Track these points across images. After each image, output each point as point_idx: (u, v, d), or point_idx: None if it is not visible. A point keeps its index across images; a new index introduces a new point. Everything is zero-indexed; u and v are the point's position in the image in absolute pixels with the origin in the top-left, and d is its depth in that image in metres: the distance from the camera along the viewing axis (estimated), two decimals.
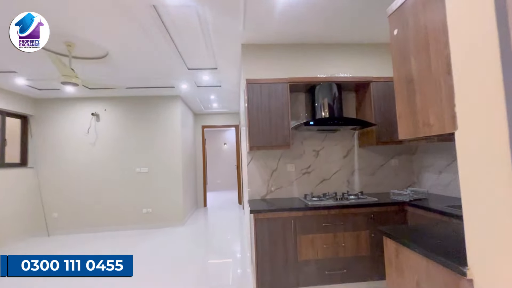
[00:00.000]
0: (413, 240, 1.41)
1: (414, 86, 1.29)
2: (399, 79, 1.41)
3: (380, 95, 2.79)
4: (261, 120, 2.66)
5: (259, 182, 2.96)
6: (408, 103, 1.35)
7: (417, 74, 1.27)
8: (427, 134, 1.22)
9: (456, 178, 2.56)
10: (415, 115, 1.30)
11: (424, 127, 1.24)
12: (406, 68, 1.35)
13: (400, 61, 1.40)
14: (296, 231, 2.37)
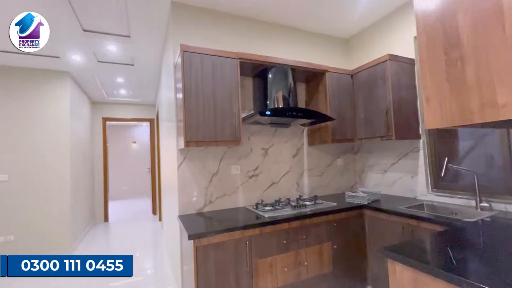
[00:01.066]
0: (439, 264, 1.04)
1: (464, 53, 0.91)
2: (429, 45, 1.02)
3: (334, 88, 2.53)
4: (202, 107, 1.92)
5: (194, 190, 2.20)
6: (447, 80, 0.96)
7: (470, 34, 0.89)
8: (489, 119, 0.85)
9: (401, 177, 2.55)
10: (463, 95, 0.92)
11: (484, 110, 0.86)
12: (445, 27, 0.96)
13: (433, 16, 1.01)
14: (251, 255, 1.76)
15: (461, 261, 1.10)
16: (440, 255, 1.17)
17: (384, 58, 2.27)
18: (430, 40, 1.02)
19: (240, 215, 2.08)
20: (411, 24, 2.42)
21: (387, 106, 2.25)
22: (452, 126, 0.97)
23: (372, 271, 2.20)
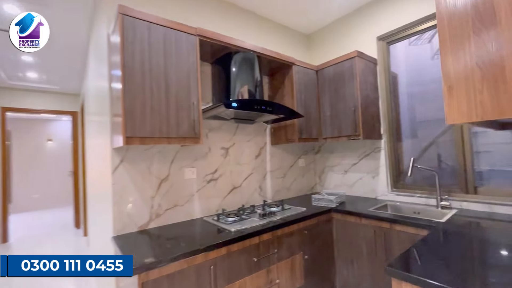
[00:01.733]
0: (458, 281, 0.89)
1: (501, 34, 0.76)
2: (453, 23, 0.85)
3: (301, 83, 2.34)
4: (150, 91, 1.46)
5: (136, 200, 1.69)
6: (477, 63, 0.81)
7: (510, 10, 0.74)
8: None
9: (362, 177, 2.53)
10: (499, 82, 0.77)
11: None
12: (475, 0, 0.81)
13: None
14: (216, 283, 1.39)
15: (476, 274, 0.98)
16: (449, 268, 1.03)
17: (352, 55, 2.18)
18: (454, 17, 0.86)
19: (198, 230, 1.68)
20: (374, 25, 2.42)
21: (355, 104, 2.17)
22: (482, 120, 0.82)
23: (341, 278, 2.07)
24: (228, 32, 2.08)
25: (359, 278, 1.94)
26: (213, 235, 1.54)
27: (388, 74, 2.40)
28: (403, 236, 1.69)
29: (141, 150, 1.73)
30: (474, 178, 1.91)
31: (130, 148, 1.69)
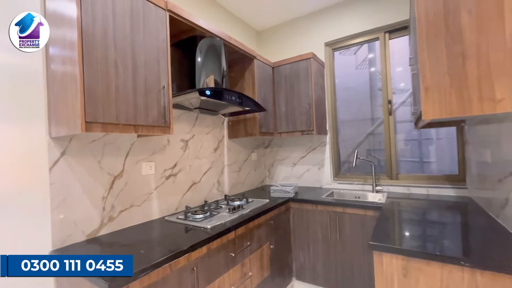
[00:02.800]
0: (422, 246, 1.12)
1: (465, 49, 0.99)
2: (432, 39, 1.05)
3: (261, 78, 2.38)
4: (114, 67, 1.19)
5: (83, 203, 1.36)
6: (448, 72, 1.02)
7: (473, 33, 0.97)
8: (487, 111, 0.96)
9: (309, 169, 2.78)
10: (462, 88, 1.00)
11: (482, 102, 0.96)
12: (449, 25, 1.02)
13: (436, 15, 1.05)
14: (197, 284, 1.28)
15: (428, 238, 1.24)
16: (412, 238, 1.27)
17: (308, 56, 2.36)
18: (431, 33, 1.06)
19: (166, 231, 1.49)
20: (323, 30, 2.68)
21: (310, 102, 2.36)
22: (450, 117, 1.04)
23: (297, 263, 2.24)
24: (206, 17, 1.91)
25: (314, 260, 2.14)
26: (188, 234, 1.41)
27: (333, 77, 2.71)
28: (354, 217, 1.96)
29: (88, 140, 1.40)
30: (397, 166, 2.39)
31: (74, 138, 1.34)
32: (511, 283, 0.92)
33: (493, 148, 1.42)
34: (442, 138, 2.95)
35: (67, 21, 1.12)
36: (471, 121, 1.80)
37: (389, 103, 2.40)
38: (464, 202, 1.86)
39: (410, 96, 2.89)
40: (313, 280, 2.15)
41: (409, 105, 2.96)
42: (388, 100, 2.40)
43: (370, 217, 1.89)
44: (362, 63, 3.55)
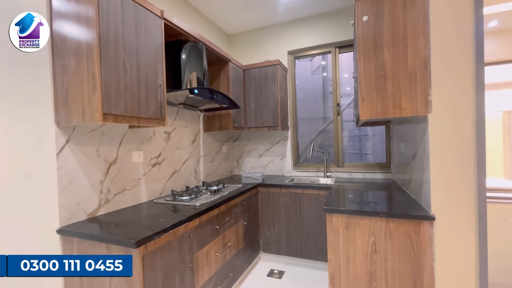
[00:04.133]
0: (359, 208, 1.60)
1: (386, 73, 1.49)
2: (366, 64, 1.53)
3: (234, 78, 2.69)
4: (123, 67, 1.39)
5: (84, 186, 1.52)
6: (375, 88, 1.51)
7: (390, 63, 1.47)
8: (397, 115, 1.47)
9: (273, 159, 3.21)
10: (384, 99, 1.50)
11: (394, 109, 1.47)
12: (376, 56, 1.50)
13: (369, 48, 1.52)
14: (192, 249, 1.57)
15: (363, 204, 1.74)
16: (351, 204, 1.76)
17: (275, 62, 2.76)
18: (366, 60, 1.53)
19: (158, 211, 1.72)
20: (286, 40, 3.11)
21: (275, 102, 2.77)
22: (376, 118, 1.54)
23: (264, 238, 2.64)
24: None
25: (278, 234, 2.58)
26: (181, 211, 1.67)
27: (294, 81, 3.17)
28: (311, 197, 2.44)
29: (88, 130, 1.56)
30: (343, 157, 2.97)
31: (77, 127, 1.49)
32: (406, 224, 1.44)
33: (405, 141, 2.01)
34: (376, 135, 3.68)
35: (84, 23, 1.28)
36: (394, 121, 2.42)
37: (338, 105, 2.95)
38: (389, 183, 2.48)
39: (353, 101, 3.53)
40: (277, 251, 2.58)
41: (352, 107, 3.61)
42: (337, 103, 2.95)
43: (322, 196, 2.39)
44: (316, 69, 4.12)
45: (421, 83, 1.41)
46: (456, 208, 1.35)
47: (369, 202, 1.82)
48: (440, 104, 1.36)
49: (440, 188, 1.38)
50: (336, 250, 1.61)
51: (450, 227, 1.36)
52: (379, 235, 1.50)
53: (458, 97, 1.33)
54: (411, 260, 1.43)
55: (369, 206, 1.69)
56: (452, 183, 1.35)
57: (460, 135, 1.33)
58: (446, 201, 1.36)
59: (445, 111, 1.36)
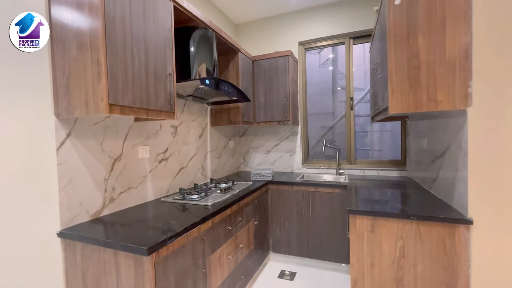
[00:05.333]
0: (384, 209, 1.49)
1: (419, 63, 1.35)
2: (398, 52, 1.39)
3: (244, 69, 2.54)
4: (130, 54, 1.25)
5: (87, 184, 1.39)
6: (407, 79, 1.38)
7: (425, 51, 1.34)
8: (432, 109, 1.34)
9: (282, 155, 3.08)
10: (417, 91, 1.36)
11: (429, 102, 1.34)
12: (410, 43, 1.37)
13: (401, 35, 1.38)
14: (205, 253, 1.45)
15: (386, 204, 1.62)
16: (375, 205, 1.65)
17: (287, 53, 2.61)
18: (398, 49, 1.39)
19: (167, 210, 1.60)
20: (297, 30, 2.95)
21: (286, 95, 2.63)
22: (407, 112, 1.41)
23: (274, 237, 2.53)
24: None
25: (289, 233, 2.47)
26: (192, 211, 1.55)
27: (305, 74, 3.03)
28: (324, 195, 2.32)
29: (91, 122, 1.42)
30: (355, 154, 2.84)
31: (79, 120, 1.35)
32: (439, 227, 1.33)
33: (429, 137, 1.89)
34: (387, 131, 3.56)
35: (86, 4, 1.13)
36: (413, 117, 2.29)
37: (351, 99, 2.82)
38: (405, 180, 2.37)
39: (367, 94, 3.40)
40: (288, 251, 2.48)
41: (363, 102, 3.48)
42: (350, 97, 2.82)
43: (336, 194, 2.28)
44: (325, 63, 3.98)
45: (460, 74, 1.28)
46: (497, 210, 1.23)
47: (392, 202, 1.71)
48: (483, 97, 1.24)
49: (479, 188, 1.26)
50: (360, 254, 1.50)
51: (490, 232, 1.24)
52: (408, 238, 1.39)
53: (505, 89, 1.20)
54: (444, 266, 1.32)
55: (394, 207, 1.57)
56: (493, 183, 1.23)
57: (504, 131, 1.21)
58: (486, 202, 1.25)
59: (488, 104, 1.23)
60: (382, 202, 1.74)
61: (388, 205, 1.65)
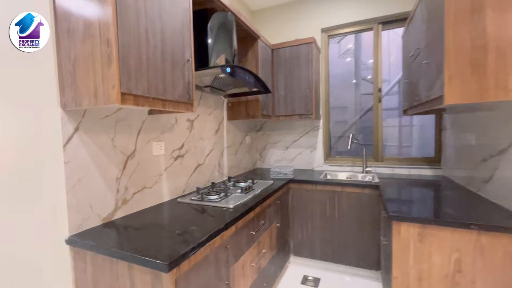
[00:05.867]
0: (433, 215, 1.28)
1: (487, 43, 1.12)
2: (458, 30, 1.17)
3: (263, 58, 2.35)
4: (145, 37, 1.08)
5: (98, 184, 1.24)
6: (470, 62, 1.16)
7: (494, 29, 1.11)
8: (500, 98, 1.11)
9: (302, 152, 2.89)
10: (482, 78, 1.14)
11: (497, 91, 1.12)
12: (474, 20, 1.14)
13: (463, 9, 1.16)
14: (228, 262, 1.29)
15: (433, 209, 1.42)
16: (422, 210, 1.44)
17: (310, 40, 2.39)
18: (458, 26, 1.17)
19: (184, 213, 1.44)
20: (319, 16, 2.72)
21: (310, 87, 2.42)
22: (468, 102, 1.19)
23: (295, 240, 2.36)
24: None
25: (312, 236, 2.29)
26: (213, 214, 1.39)
27: (327, 64, 2.80)
28: (352, 196, 2.12)
29: (101, 115, 1.26)
30: (382, 150, 2.62)
31: (87, 113, 1.20)
32: (505, 239, 1.12)
33: (477, 132, 1.65)
34: (415, 125, 3.30)
35: None
36: (455, 109, 2.04)
37: (379, 91, 2.58)
38: (442, 180, 2.14)
39: (396, 85, 3.14)
40: (310, 255, 2.30)
41: (389, 94, 3.22)
42: (379, 88, 2.58)
43: (366, 195, 2.07)
44: (345, 53, 3.71)
45: None
46: None
47: (440, 206, 1.50)
48: None
49: None
50: (405, 266, 1.30)
51: None
52: (465, 251, 1.19)
53: None
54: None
55: (445, 213, 1.36)
56: None
57: None
58: None
59: None
60: (427, 206, 1.54)
61: (437, 210, 1.44)
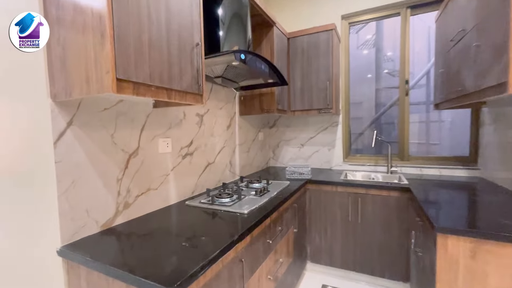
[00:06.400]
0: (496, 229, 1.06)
1: None
2: None
3: (279, 48, 2.15)
4: (147, 15, 0.91)
5: (95, 186, 1.09)
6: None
7: None
8: None
9: (319, 150, 2.68)
10: None
11: None
12: None
13: None
14: (243, 276, 1.12)
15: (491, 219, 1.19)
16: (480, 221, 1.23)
17: (330, 27, 2.17)
18: None
19: (193, 219, 1.28)
20: (339, 2, 2.48)
21: (329, 78, 2.21)
22: None
23: (312, 246, 2.17)
24: None
25: (331, 242, 2.09)
26: (225, 221, 1.22)
27: (347, 54, 2.57)
28: (377, 199, 1.91)
29: (98, 108, 1.11)
30: (408, 148, 2.38)
31: (82, 104, 1.04)
32: None
33: None
34: (444, 121, 3.02)
35: None
36: (495, 103, 1.79)
37: (406, 83, 2.33)
38: (482, 182, 1.89)
39: (422, 77, 2.88)
40: (330, 262, 2.11)
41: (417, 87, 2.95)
42: (406, 80, 2.33)
43: (393, 198, 1.86)
44: (365, 43, 3.45)
45: None
46: None
47: (492, 216, 1.26)
48: None
49: None
50: (452, 286, 1.10)
51: None
52: None
53: None
54: None
55: (502, 224, 1.14)
56: None
57: None
58: None
59: None
60: (479, 215, 1.31)
61: (492, 221, 1.21)
